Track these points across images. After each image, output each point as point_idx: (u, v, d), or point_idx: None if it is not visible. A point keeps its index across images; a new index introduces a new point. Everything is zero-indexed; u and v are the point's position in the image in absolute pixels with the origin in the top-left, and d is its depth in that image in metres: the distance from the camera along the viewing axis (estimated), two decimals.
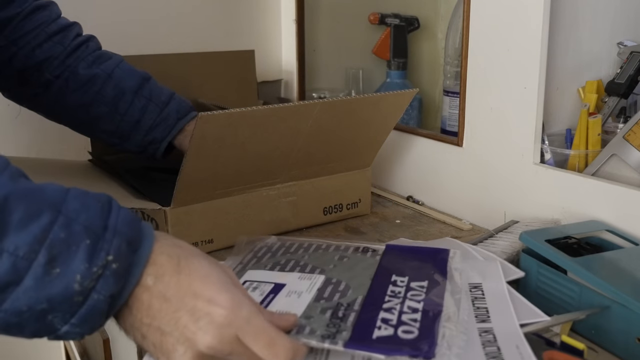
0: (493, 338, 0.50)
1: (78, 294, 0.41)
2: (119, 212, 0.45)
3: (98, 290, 0.42)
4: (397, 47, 1.20)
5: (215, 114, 0.68)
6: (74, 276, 0.40)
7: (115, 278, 0.42)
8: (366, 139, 0.88)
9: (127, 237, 0.44)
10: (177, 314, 0.44)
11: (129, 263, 0.43)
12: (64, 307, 0.41)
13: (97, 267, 0.41)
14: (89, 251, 0.41)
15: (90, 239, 0.42)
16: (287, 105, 0.76)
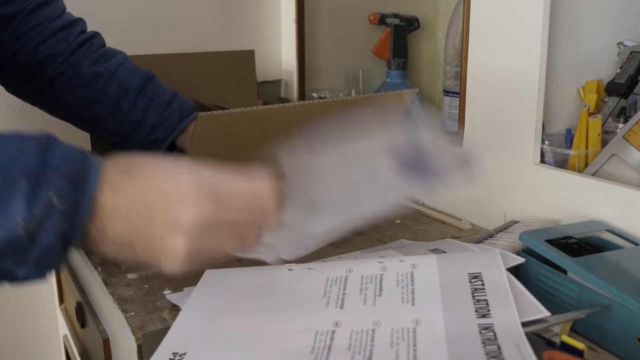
0: (493, 336, 0.50)
1: (24, 238, 0.40)
2: (60, 150, 0.43)
3: (45, 230, 0.41)
4: (397, 47, 1.20)
5: (215, 114, 0.68)
6: (15, 220, 0.40)
7: (62, 216, 0.41)
8: None
9: (70, 173, 0.42)
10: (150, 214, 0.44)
11: (75, 200, 0.42)
12: (12, 252, 0.41)
13: (40, 208, 0.40)
14: (27, 194, 0.40)
15: (30, 181, 0.41)
16: (287, 105, 0.76)
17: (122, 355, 0.70)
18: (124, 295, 0.68)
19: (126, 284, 0.71)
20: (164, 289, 0.69)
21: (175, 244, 0.44)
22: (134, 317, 0.64)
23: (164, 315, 0.64)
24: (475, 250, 0.67)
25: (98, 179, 0.44)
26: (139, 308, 0.65)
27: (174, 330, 0.57)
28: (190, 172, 0.47)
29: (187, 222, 0.44)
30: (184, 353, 0.53)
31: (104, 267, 0.76)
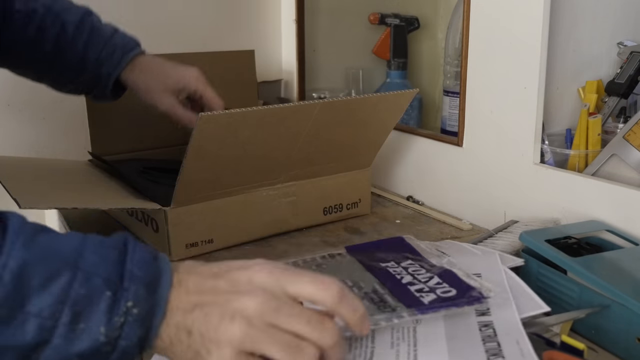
0: (493, 333, 0.50)
1: (105, 345, 0.41)
2: (134, 255, 0.44)
3: (124, 337, 0.42)
4: (397, 47, 1.20)
5: (215, 114, 0.68)
6: (98, 329, 0.41)
7: (138, 322, 0.42)
8: (366, 139, 0.88)
9: (144, 280, 0.43)
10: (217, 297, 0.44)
11: (150, 305, 0.43)
12: (95, 358, 0.42)
13: (119, 316, 0.42)
14: (110, 302, 0.41)
15: (111, 290, 0.42)
16: (287, 105, 0.76)
17: None
18: None
19: None
20: None
21: (231, 332, 0.42)
22: None
23: None
24: (475, 253, 0.67)
25: (170, 282, 0.44)
26: None
27: None
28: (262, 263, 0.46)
29: (247, 311, 0.43)
30: None
31: None
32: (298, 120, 0.77)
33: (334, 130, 0.82)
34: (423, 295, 0.54)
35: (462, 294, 0.54)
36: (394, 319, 0.50)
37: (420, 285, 0.57)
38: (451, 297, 0.53)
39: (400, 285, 0.58)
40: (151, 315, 0.43)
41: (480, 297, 0.52)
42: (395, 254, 0.67)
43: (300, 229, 0.88)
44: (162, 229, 0.77)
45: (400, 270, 0.62)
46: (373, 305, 0.54)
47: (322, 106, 0.77)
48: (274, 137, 0.77)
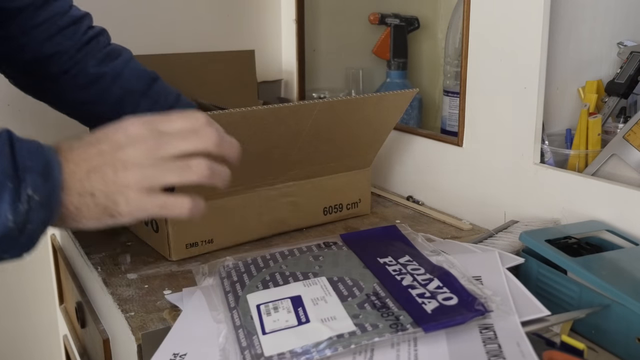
0: (494, 335, 0.50)
1: (14, 230, 0.47)
2: (21, 147, 0.48)
3: (31, 222, 0.48)
4: (397, 47, 1.20)
5: (215, 114, 0.68)
6: (6, 217, 0.46)
7: (40, 206, 0.48)
8: (366, 139, 0.88)
9: (37, 169, 0.48)
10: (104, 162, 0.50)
11: (48, 190, 0.48)
12: (5, 243, 0.48)
13: (22, 204, 0.47)
14: (12, 193, 0.46)
15: (11, 181, 0.46)
16: (287, 105, 0.76)
17: (122, 355, 0.69)
18: (124, 295, 0.68)
19: (126, 284, 0.71)
20: (164, 289, 0.69)
21: (127, 179, 0.50)
22: (134, 317, 0.64)
23: (164, 315, 0.64)
24: (475, 252, 0.67)
25: (59, 163, 0.49)
26: (139, 308, 0.65)
27: (175, 330, 0.57)
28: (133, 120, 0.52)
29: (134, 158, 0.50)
30: (185, 354, 0.53)
31: (104, 267, 0.76)
32: (298, 120, 0.77)
33: (334, 130, 0.82)
34: (425, 302, 0.54)
35: (465, 303, 0.53)
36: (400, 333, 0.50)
37: (421, 290, 0.57)
38: (453, 306, 0.53)
39: (401, 288, 0.57)
40: (51, 198, 0.48)
41: (483, 310, 0.52)
42: (392, 247, 0.68)
43: (300, 229, 0.88)
44: (162, 229, 0.77)
45: (400, 269, 0.62)
46: (376, 312, 0.54)
47: (322, 106, 0.77)
48: (273, 137, 0.77)
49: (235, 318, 0.56)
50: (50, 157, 0.49)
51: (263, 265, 0.66)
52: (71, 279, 0.92)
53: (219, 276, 0.65)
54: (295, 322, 0.53)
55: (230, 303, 0.59)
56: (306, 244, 0.71)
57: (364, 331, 0.51)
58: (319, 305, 0.56)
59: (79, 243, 0.84)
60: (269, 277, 0.63)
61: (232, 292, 0.61)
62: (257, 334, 0.52)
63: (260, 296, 0.59)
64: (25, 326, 1.22)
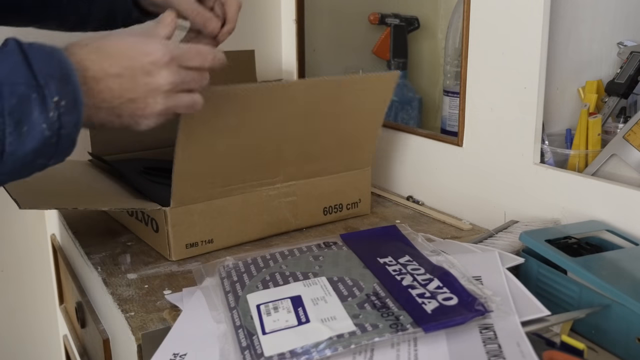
0: (494, 335, 0.50)
1: (50, 137, 0.49)
2: (36, 55, 0.49)
3: (64, 126, 0.50)
4: (397, 47, 1.20)
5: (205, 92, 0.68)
6: (40, 126, 0.48)
7: (69, 111, 0.50)
8: (359, 126, 0.87)
9: (56, 74, 0.49)
10: (134, 80, 0.55)
11: (71, 93, 0.50)
12: (45, 150, 0.50)
13: (52, 110, 0.49)
14: (39, 101, 0.48)
15: (36, 92, 0.48)
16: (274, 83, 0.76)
17: (122, 355, 0.69)
18: (124, 295, 0.68)
19: (126, 284, 0.71)
20: (164, 289, 0.69)
21: (156, 104, 0.56)
22: (134, 317, 0.64)
23: (164, 315, 0.64)
24: (475, 252, 0.67)
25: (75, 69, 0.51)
26: (139, 308, 0.65)
27: (175, 330, 0.57)
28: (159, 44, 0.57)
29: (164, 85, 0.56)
30: (185, 354, 0.53)
31: (104, 267, 0.76)
32: (286, 101, 0.77)
33: (324, 114, 0.81)
34: (425, 302, 0.54)
35: (465, 303, 0.53)
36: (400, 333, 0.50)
37: (421, 290, 0.57)
38: (453, 306, 0.53)
39: (401, 288, 0.58)
40: (75, 100, 0.50)
41: (483, 310, 0.52)
42: (392, 247, 0.68)
43: (300, 229, 0.88)
44: (162, 229, 0.77)
45: (400, 269, 0.62)
46: (376, 312, 0.53)
47: (307, 84, 0.77)
48: (263, 121, 0.76)
49: (235, 318, 0.56)
50: (65, 60, 0.51)
51: (263, 265, 0.66)
52: (71, 279, 0.92)
53: (219, 276, 0.65)
54: (295, 322, 0.53)
55: (230, 303, 0.59)
56: (306, 244, 0.71)
57: (364, 331, 0.51)
58: (319, 305, 0.56)
59: (79, 243, 0.84)
60: (269, 277, 0.63)
61: (232, 292, 0.61)
62: (257, 334, 0.52)
63: (260, 296, 0.59)
64: (26, 326, 1.22)
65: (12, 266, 1.18)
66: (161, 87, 0.56)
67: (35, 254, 1.19)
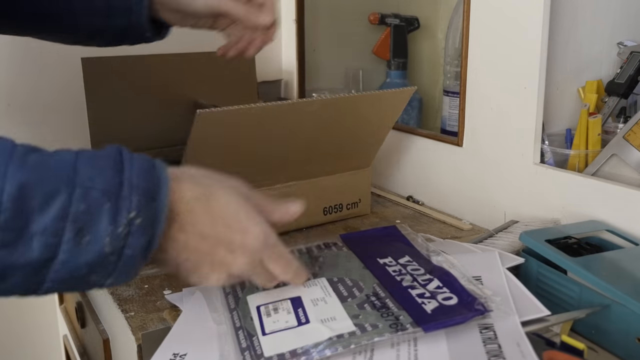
0: (494, 335, 0.50)
1: (111, 254, 0.43)
2: (132, 164, 0.45)
3: (129, 246, 0.44)
4: (397, 47, 1.20)
5: (213, 111, 0.68)
6: (103, 240, 0.43)
7: (141, 231, 0.44)
8: (366, 137, 0.88)
9: (144, 189, 0.45)
10: (214, 249, 0.49)
11: (151, 214, 0.45)
12: (102, 268, 0.44)
13: (122, 226, 0.43)
14: (111, 213, 0.43)
15: (110, 201, 0.43)
16: (285, 102, 0.75)
17: (122, 355, 0.69)
18: (124, 295, 0.68)
19: (126, 284, 0.71)
20: (164, 289, 0.69)
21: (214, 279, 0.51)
22: (134, 317, 0.64)
23: (164, 315, 0.64)
24: (475, 252, 0.67)
25: (169, 191, 0.46)
26: (139, 308, 0.65)
27: (175, 330, 0.57)
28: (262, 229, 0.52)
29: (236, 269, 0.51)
30: (185, 354, 0.53)
31: None
32: (297, 118, 0.77)
33: (333, 128, 0.82)
34: (425, 302, 0.54)
35: (464, 303, 0.53)
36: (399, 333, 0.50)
37: (420, 290, 0.57)
38: (453, 306, 0.53)
39: (401, 288, 0.58)
40: (154, 224, 0.45)
41: (483, 310, 0.52)
42: (392, 247, 0.68)
43: (300, 229, 0.88)
44: None
45: (400, 269, 0.62)
46: (376, 312, 0.53)
47: (320, 103, 0.77)
48: (273, 136, 0.77)
49: (235, 319, 0.56)
50: (162, 179, 0.46)
51: None
52: None
53: None
54: (295, 323, 0.53)
55: (230, 304, 0.59)
56: (306, 245, 0.71)
57: (364, 331, 0.51)
58: (318, 305, 0.56)
59: None
60: None
61: (232, 293, 0.61)
62: (257, 335, 0.52)
63: (260, 297, 0.59)
64: (26, 326, 1.22)
65: None
66: (230, 270, 0.51)
67: None
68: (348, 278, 0.61)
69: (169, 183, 0.47)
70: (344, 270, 0.63)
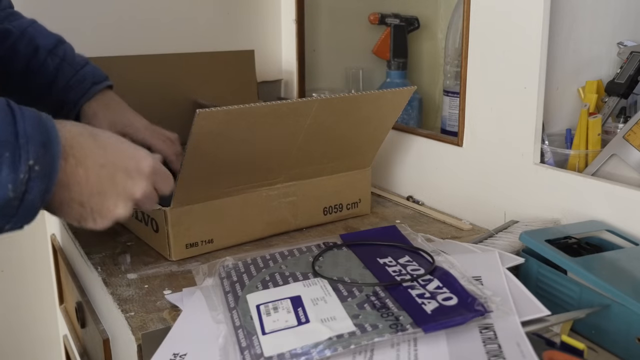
0: (494, 335, 0.50)
1: (14, 199, 0.48)
2: (23, 115, 0.49)
3: (30, 191, 0.48)
4: (397, 47, 1.20)
5: (213, 111, 0.68)
6: (6, 186, 0.47)
7: (41, 176, 0.49)
8: (366, 137, 0.88)
9: (38, 138, 0.48)
10: (113, 178, 0.54)
11: (49, 157, 0.49)
12: (5, 212, 0.48)
13: (23, 172, 0.47)
14: (11, 162, 0.47)
15: (9, 150, 0.47)
16: (285, 102, 0.75)
17: (122, 355, 0.69)
18: (124, 295, 0.68)
19: (126, 284, 0.71)
20: (164, 289, 0.69)
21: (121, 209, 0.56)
22: (134, 317, 0.64)
23: (164, 315, 0.64)
24: (475, 252, 0.67)
25: (59, 135, 0.50)
26: (139, 308, 0.65)
27: (175, 330, 0.57)
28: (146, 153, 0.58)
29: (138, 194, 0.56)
30: (185, 354, 0.53)
31: (104, 267, 0.76)
32: (297, 118, 0.77)
33: (333, 128, 0.82)
34: (425, 303, 0.54)
35: (464, 304, 0.53)
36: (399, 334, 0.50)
37: (420, 290, 0.57)
38: (453, 306, 0.53)
39: (400, 288, 0.58)
40: (50, 170, 0.49)
41: (483, 310, 0.52)
42: (392, 248, 0.68)
43: (300, 229, 0.88)
44: (162, 229, 0.77)
45: (400, 269, 0.62)
46: (376, 312, 0.54)
47: (320, 103, 0.77)
48: (273, 135, 0.77)
49: (235, 318, 0.56)
50: (52, 129, 0.50)
51: (263, 266, 0.66)
52: (71, 279, 0.92)
53: (218, 276, 0.65)
54: (295, 323, 0.53)
55: (230, 303, 0.59)
56: (306, 244, 0.71)
57: (364, 331, 0.51)
58: (318, 305, 0.56)
59: (79, 243, 0.84)
60: (268, 277, 0.63)
61: (231, 292, 0.61)
62: (257, 334, 0.52)
63: (260, 296, 0.59)
64: (26, 326, 1.22)
65: (12, 266, 1.18)
66: (134, 194, 0.56)
67: (35, 254, 1.19)
68: (348, 278, 0.61)
69: (56, 128, 0.51)
70: (344, 270, 0.63)
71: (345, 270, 0.63)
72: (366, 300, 0.56)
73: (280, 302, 0.57)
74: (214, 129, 0.70)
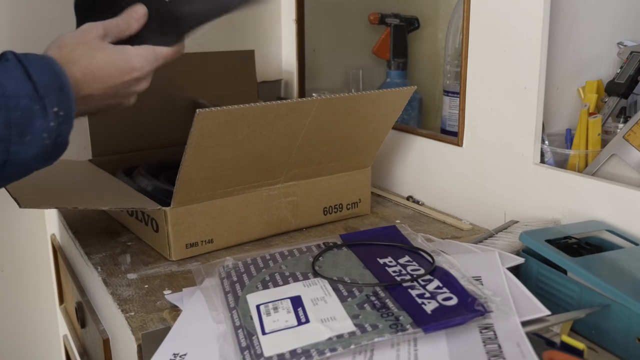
0: (494, 335, 0.50)
1: (49, 145, 0.54)
2: (35, 66, 0.53)
3: (61, 134, 0.55)
4: (397, 47, 1.20)
5: (213, 111, 0.68)
6: (41, 135, 0.53)
7: (66, 118, 0.54)
8: (366, 137, 0.88)
9: (54, 85, 0.53)
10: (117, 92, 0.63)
11: (67, 100, 0.55)
12: (43, 157, 0.54)
13: (52, 121, 0.53)
14: (41, 114, 0.52)
15: (37, 104, 0.52)
16: (285, 102, 0.75)
17: (122, 355, 0.69)
18: (124, 295, 0.68)
19: (126, 284, 0.71)
20: (164, 289, 0.69)
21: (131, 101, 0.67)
22: (134, 317, 0.64)
23: (164, 315, 0.64)
24: (475, 252, 0.67)
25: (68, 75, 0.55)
26: (139, 308, 0.65)
27: (175, 330, 0.57)
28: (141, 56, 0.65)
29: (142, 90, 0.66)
30: (185, 354, 0.53)
31: (104, 267, 0.76)
32: (297, 117, 0.77)
33: (333, 128, 0.82)
34: (425, 303, 0.54)
35: (464, 304, 0.53)
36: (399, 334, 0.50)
37: (420, 290, 0.57)
38: (453, 306, 0.53)
39: (401, 288, 0.58)
40: (70, 110, 0.55)
41: (483, 310, 0.52)
42: (392, 248, 0.68)
43: (300, 229, 0.88)
44: (162, 229, 0.77)
45: (400, 269, 0.62)
46: (376, 312, 0.54)
47: (320, 103, 0.77)
48: (273, 135, 0.77)
49: (235, 318, 0.56)
50: (59, 69, 0.55)
51: (263, 266, 0.66)
52: (71, 279, 0.92)
53: (218, 276, 0.65)
54: (295, 323, 0.53)
55: (230, 303, 0.59)
56: (306, 244, 0.71)
57: (364, 331, 0.51)
58: (318, 305, 0.56)
59: (79, 243, 0.84)
60: (268, 278, 0.63)
61: (231, 292, 0.61)
62: (257, 334, 0.52)
63: (260, 296, 0.59)
64: (26, 326, 1.22)
65: (12, 266, 1.18)
66: (139, 91, 0.66)
67: (35, 254, 1.19)
68: (348, 278, 0.61)
69: (62, 68, 0.55)
70: (344, 270, 0.63)
71: (345, 270, 0.63)
72: (366, 300, 0.56)
73: (280, 302, 0.57)
74: (214, 129, 0.70)
